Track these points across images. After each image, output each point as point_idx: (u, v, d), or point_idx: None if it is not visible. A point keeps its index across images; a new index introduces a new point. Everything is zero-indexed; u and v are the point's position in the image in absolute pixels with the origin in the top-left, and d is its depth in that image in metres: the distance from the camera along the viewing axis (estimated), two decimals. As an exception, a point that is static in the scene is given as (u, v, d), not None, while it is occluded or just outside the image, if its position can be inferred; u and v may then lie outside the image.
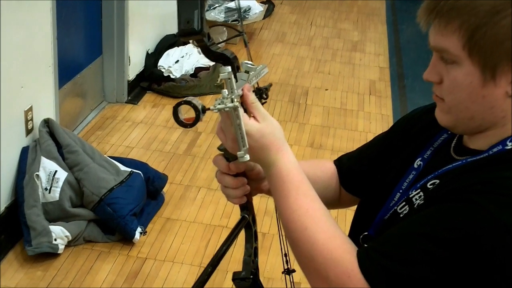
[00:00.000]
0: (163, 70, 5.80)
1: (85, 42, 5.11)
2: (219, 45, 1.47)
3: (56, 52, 4.10)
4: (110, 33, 5.30)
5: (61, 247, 3.63)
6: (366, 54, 7.27)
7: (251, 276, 1.49)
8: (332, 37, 7.74)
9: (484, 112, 1.24)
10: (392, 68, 6.94)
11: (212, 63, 6.04)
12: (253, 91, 1.48)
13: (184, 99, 1.30)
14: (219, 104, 1.28)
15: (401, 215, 1.33)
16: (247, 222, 1.52)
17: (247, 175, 1.48)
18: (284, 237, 1.68)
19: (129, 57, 5.48)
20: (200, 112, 1.29)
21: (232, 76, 1.30)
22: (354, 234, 1.51)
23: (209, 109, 1.30)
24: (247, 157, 1.33)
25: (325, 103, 5.89)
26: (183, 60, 5.90)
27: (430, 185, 1.30)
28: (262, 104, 1.52)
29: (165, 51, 5.99)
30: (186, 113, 1.33)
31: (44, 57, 4.01)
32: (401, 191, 1.40)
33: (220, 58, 1.41)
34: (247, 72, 1.40)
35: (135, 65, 5.65)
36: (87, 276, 3.56)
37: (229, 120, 1.30)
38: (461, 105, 1.25)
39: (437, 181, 1.29)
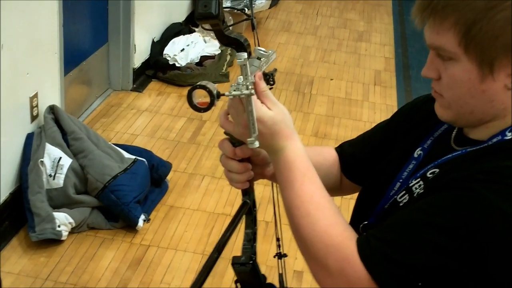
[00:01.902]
0: (168, 58, 5.79)
1: (91, 30, 5.11)
2: (230, 27, 1.47)
3: (62, 39, 4.11)
4: (116, 21, 5.30)
5: (65, 233, 3.65)
6: (371, 44, 7.26)
7: (251, 262, 1.49)
8: (338, 27, 7.72)
9: (484, 106, 1.24)
10: (398, 58, 6.93)
11: (217, 52, 6.04)
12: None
13: (200, 83, 1.30)
14: (235, 90, 1.28)
15: (401, 204, 1.33)
16: (248, 208, 1.52)
17: (251, 160, 1.48)
18: (277, 221, 1.69)
19: (135, 45, 5.47)
20: (215, 97, 1.30)
21: (247, 62, 1.30)
22: (354, 223, 1.51)
23: (224, 94, 1.31)
24: (257, 143, 1.33)
25: (330, 92, 5.89)
26: (188, 49, 5.89)
27: (430, 174, 1.30)
28: (269, 89, 1.52)
29: (171, 39, 5.98)
30: (200, 97, 1.33)
31: (49, 44, 4.01)
32: (401, 181, 1.40)
33: (234, 43, 1.41)
34: (259, 58, 1.40)
35: (140, 53, 5.65)
36: (90, 262, 3.57)
37: (241, 106, 1.31)
38: (460, 100, 1.26)
39: (437, 170, 1.29)
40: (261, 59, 1.40)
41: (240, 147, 1.41)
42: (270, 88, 1.49)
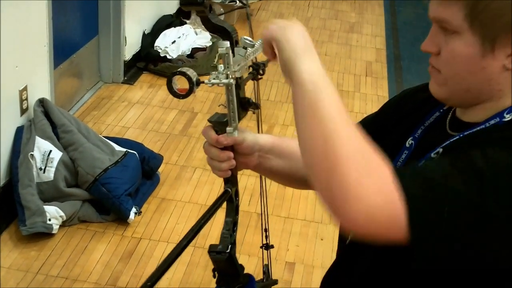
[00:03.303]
0: (159, 50, 5.78)
1: (81, 22, 5.08)
2: (220, 16, 1.48)
3: (52, 31, 4.08)
4: (106, 13, 5.27)
5: (56, 227, 3.63)
6: (363, 36, 7.25)
7: (227, 251, 1.48)
8: (329, 18, 7.71)
9: (481, 84, 1.24)
10: (389, 50, 6.93)
11: (208, 44, 6.02)
12: (250, 66, 1.48)
13: (180, 69, 1.30)
14: (214, 78, 1.28)
15: None
16: (229, 196, 1.51)
17: (235, 149, 1.48)
18: (264, 213, 1.67)
19: (126, 37, 5.45)
20: (194, 84, 1.30)
21: (230, 51, 1.30)
22: None
23: (203, 82, 1.31)
24: (236, 133, 1.35)
25: (322, 84, 5.87)
26: (179, 41, 5.88)
27: (434, 154, 1.28)
28: (258, 79, 1.52)
29: (162, 31, 5.96)
30: (180, 84, 1.33)
31: (39, 37, 3.99)
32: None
33: (219, 30, 1.41)
34: (245, 48, 1.40)
35: (131, 45, 5.63)
36: (81, 256, 3.56)
37: None
38: (458, 76, 1.25)
39: (441, 150, 1.27)
40: (248, 49, 1.40)
41: (222, 135, 1.42)
42: (259, 79, 1.48)
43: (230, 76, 1.30)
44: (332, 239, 3.87)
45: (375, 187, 1.08)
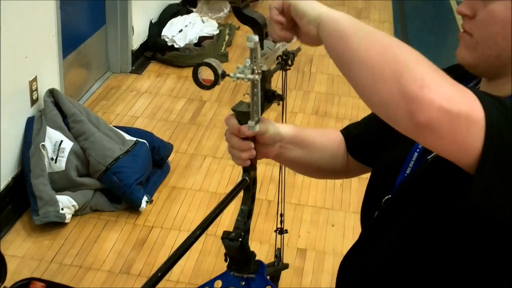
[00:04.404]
0: (166, 39, 5.78)
1: (88, 12, 5.09)
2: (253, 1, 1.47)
3: (60, 22, 4.10)
4: (114, 3, 5.28)
5: (68, 216, 3.66)
6: (370, 21, 7.23)
7: (240, 239, 1.50)
8: (336, 4, 7.68)
9: None
10: (397, 35, 6.89)
11: (215, 32, 6.03)
12: (279, 56, 1.48)
13: (206, 60, 1.31)
14: (240, 73, 1.28)
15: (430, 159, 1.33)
16: (246, 185, 1.52)
17: (257, 139, 1.48)
18: (280, 198, 1.67)
19: (133, 27, 5.46)
20: (219, 76, 1.30)
21: (258, 46, 1.30)
22: (372, 200, 1.51)
23: (228, 75, 1.31)
24: (257, 127, 1.35)
25: (330, 70, 5.87)
26: (186, 29, 5.88)
27: None
28: (287, 70, 1.52)
29: (169, 20, 5.96)
30: (206, 74, 1.34)
31: (47, 27, 4.01)
32: (418, 150, 1.39)
33: (250, 21, 1.39)
34: (274, 41, 1.40)
35: (138, 35, 5.63)
36: (94, 244, 3.59)
37: None
38: (491, 40, 1.25)
39: None
40: (277, 43, 1.39)
41: (245, 125, 1.42)
42: (287, 69, 1.49)
43: (256, 71, 1.30)
44: (343, 225, 3.89)
45: (450, 82, 1.06)
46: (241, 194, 1.54)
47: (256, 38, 1.28)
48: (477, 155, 1.06)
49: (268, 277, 1.64)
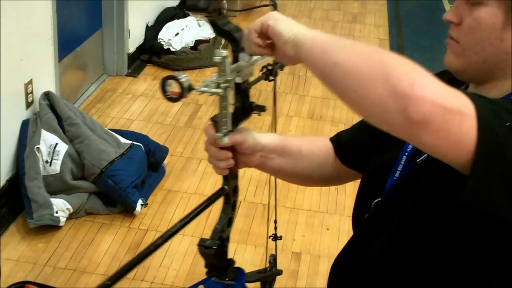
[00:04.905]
0: (163, 42, 5.78)
1: (84, 15, 5.09)
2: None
3: (56, 24, 4.10)
4: (110, 6, 5.28)
5: (63, 219, 3.65)
6: (366, 26, 7.25)
7: (215, 247, 1.49)
8: (332, 9, 7.71)
9: (499, 57, 1.25)
10: (392, 40, 6.92)
11: (212, 36, 6.03)
12: (264, 67, 1.49)
13: (174, 74, 1.31)
14: (204, 87, 1.30)
15: (419, 162, 1.34)
16: (225, 193, 1.52)
17: (236, 148, 1.48)
18: (272, 205, 1.68)
19: (129, 30, 5.46)
20: (185, 90, 1.30)
21: (227, 60, 1.31)
22: (362, 203, 1.51)
23: (194, 89, 1.32)
24: (226, 139, 1.38)
25: (325, 75, 5.87)
26: (183, 33, 5.88)
27: None
28: (270, 81, 1.52)
29: (165, 23, 5.97)
30: (174, 87, 1.34)
31: (43, 30, 4.00)
32: (406, 154, 1.40)
33: (225, 35, 1.40)
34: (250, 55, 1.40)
35: (135, 38, 5.64)
36: (88, 247, 3.59)
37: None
38: (477, 46, 1.26)
39: None
40: (252, 57, 1.39)
41: None
42: (271, 80, 1.49)
43: (223, 85, 1.31)
44: (337, 229, 3.89)
45: (437, 80, 1.08)
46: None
47: (224, 53, 1.30)
48: (470, 152, 1.07)
49: (259, 283, 1.64)
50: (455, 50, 1.31)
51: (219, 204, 4.26)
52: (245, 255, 3.52)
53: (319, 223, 3.95)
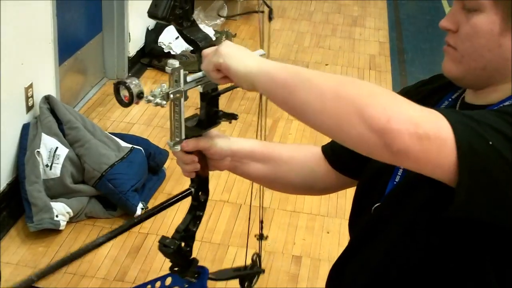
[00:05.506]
0: (163, 46, 5.78)
1: (85, 19, 5.09)
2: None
3: (56, 28, 4.10)
4: (110, 9, 5.28)
5: (63, 223, 3.65)
6: (366, 29, 7.25)
7: (172, 247, 1.55)
8: (332, 12, 7.72)
9: (498, 63, 1.25)
10: (392, 43, 6.92)
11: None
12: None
13: (125, 79, 1.32)
14: (151, 96, 1.32)
15: None
16: (191, 194, 1.59)
17: (204, 153, 1.53)
18: (256, 206, 1.69)
19: (129, 34, 5.46)
20: (134, 97, 1.31)
21: (180, 72, 1.34)
22: (361, 208, 1.51)
23: (142, 97, 1.33)
24: (178, 147, 1.43)
25: (326, 78, 5.87)
26: (183, 36, 5.88)
27: None
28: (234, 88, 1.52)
29: (166, 27, 5.95)
30: (127, 92, 1.35)
31: (44, 34, 4.01)
32: None
33: (192, 43, 1.43)
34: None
35: (135, 42, 5.64)
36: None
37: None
38: (476, 53, 1.26)
39: None
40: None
41: (186, 140, 1.46)
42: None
43: (173, 96, 1.33)
44: (338, 232, 3.89)
45: (411, 106, 1.10)
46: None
47: (176, 63, 1.33)
48: (454, 171, 1.09)
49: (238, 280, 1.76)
50: (453, 57, 1.31)
51: (216, 208, 4.27)
52: (238, 256, 3.52)
53: (320, 227, 3.95)
